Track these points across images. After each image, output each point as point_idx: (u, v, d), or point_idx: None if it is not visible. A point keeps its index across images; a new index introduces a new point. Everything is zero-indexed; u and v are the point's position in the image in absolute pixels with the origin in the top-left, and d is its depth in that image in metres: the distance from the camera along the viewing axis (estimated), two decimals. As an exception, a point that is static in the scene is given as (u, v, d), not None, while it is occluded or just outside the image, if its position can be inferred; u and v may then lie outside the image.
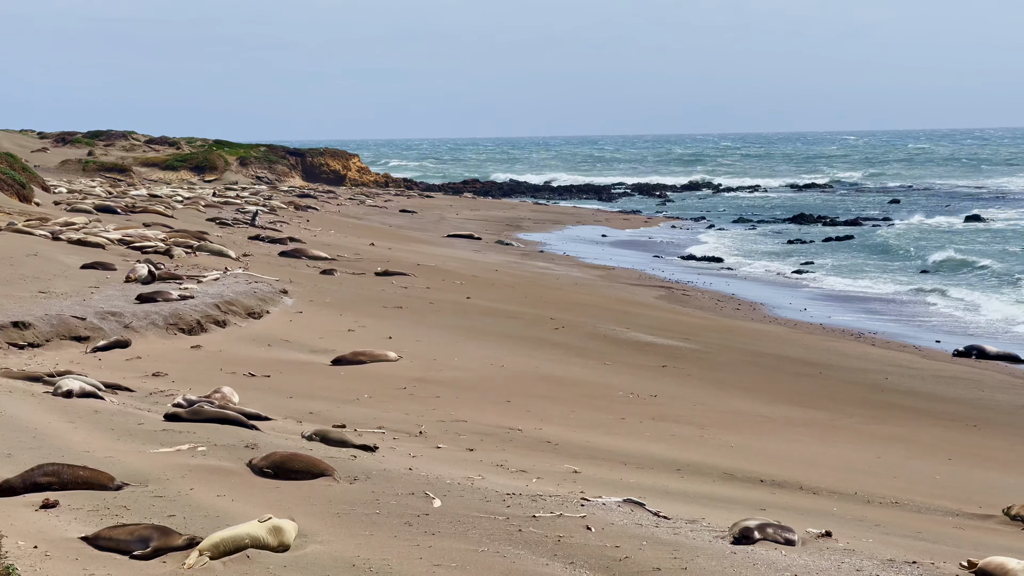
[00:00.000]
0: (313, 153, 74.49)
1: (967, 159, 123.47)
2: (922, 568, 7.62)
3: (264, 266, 24.13)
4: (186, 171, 62.62)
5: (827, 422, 14.52)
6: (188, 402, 11.28)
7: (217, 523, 7.53)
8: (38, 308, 15.85)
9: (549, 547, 7.58)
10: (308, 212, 44.86)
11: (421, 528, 7.82)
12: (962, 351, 20.72)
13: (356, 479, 8.95)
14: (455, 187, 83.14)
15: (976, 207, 61.32)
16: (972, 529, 9.55)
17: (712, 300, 27.33)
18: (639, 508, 8.81)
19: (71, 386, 11.57)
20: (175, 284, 19.05)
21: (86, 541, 7.18)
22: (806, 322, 24.49)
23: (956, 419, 15.35)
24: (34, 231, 23.83)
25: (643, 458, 11.37)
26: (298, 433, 10.78)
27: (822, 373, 17.98)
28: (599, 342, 19.14)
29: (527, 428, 12.31)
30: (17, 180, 32.72)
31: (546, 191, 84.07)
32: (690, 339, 20.23)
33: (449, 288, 24.53)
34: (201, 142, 72.82)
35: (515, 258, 34.81)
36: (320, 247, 29.27)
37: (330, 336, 17.21)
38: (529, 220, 52.76)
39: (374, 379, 14.54)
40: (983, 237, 45.55)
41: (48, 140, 68.16)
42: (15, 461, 8.73)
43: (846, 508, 9.91)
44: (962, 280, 32.44)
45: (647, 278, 31.51)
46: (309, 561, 7.08)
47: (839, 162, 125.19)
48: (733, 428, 13.53)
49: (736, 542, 7.93)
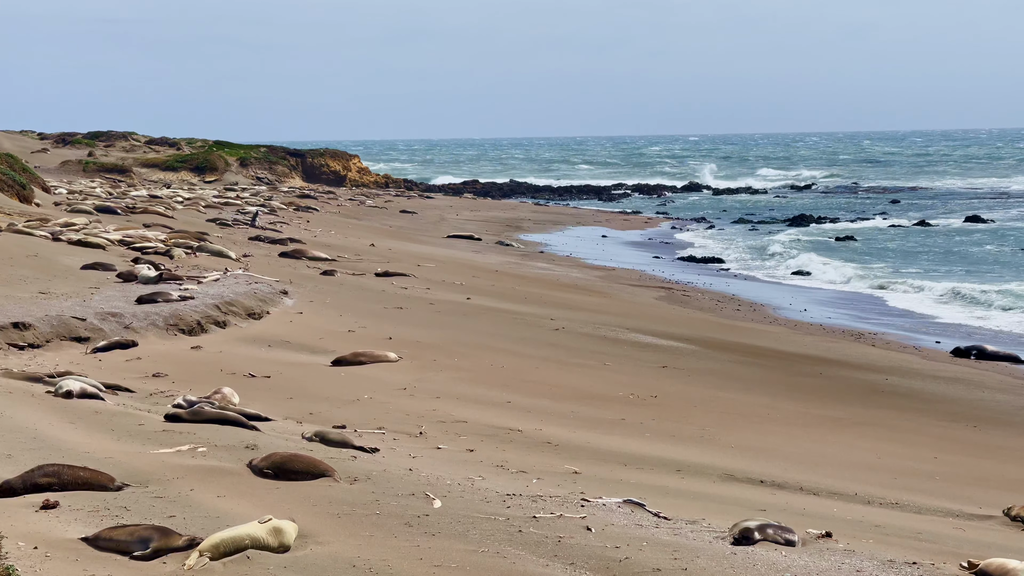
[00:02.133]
0: (313, 154, 74.44)
1: (969, 159, 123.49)
2: (922, 569, 7.62)
3: (264, 267, 24.13)
4: (186, 172, 62.59)
5: (827, 423, 14.51)
6: (188, 403, 11.29)
7: (217, 524, 7.53)
8: (38, 309, 15.86)
9: (549, 548, 7.58)
10: (308, 213, 44.84)
11: (421, 529, 7.82)
12: (962, 350, 20.73)
13: (356, 480, 8.95)
14: (455, 188, 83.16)
15: (978, 208, 61.36)
16: (972, 530, 9.55)
17: (712, 301, 27.32)
18: (639, 509, 8.81)
19: (71, 387, 11.57)
20: (175, 285, 19.06)
21: (86, 542, 7.18)
22: (806, 323, 24.48)
23: (956, 419, 15.35)
24: (34, 232, 23.82)
25: (643, 459, 11.37)
26: (298, 434, 10.78)
27: (822, 374, 17.98)
28: (599, 343, 19.14)
29: (527, 429, 12.31)
30: (17, 181, 32.72)
31: (546, 192, 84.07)
32: (690, 340, 20.23)
33: (449, 289, 24.53)
34: (201, 143, 72.84)
35: (515, 259, 34.81)
36: (320, 248, 29.26)
37: (330, 337, 17.21)
38: (529, 221, 52.76)
39: (374, 380, 14.53)
40: (986, 238, 45.59)
41: (48, 141, 68.17)
42: (15, 462, 8.73)
43: (846, 509, 9.91)
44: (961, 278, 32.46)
45: (648, 279, 31.51)
46: (309, 562, 7.08)
47: (841, 162, 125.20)
48: (733, 429, 13.53)
49: (736, 543, 7.94)
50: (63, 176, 51.69)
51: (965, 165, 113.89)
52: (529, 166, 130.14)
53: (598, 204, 72.27)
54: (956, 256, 39.62)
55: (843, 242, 44.66)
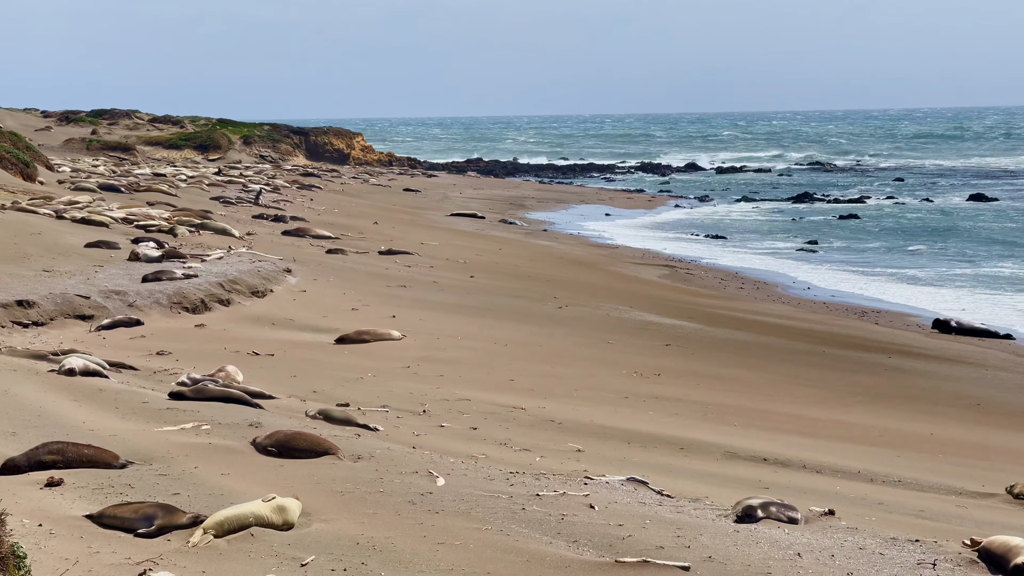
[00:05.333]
0: (317, 132, 74.29)
1: (978, 138, 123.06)
2: (925, 547, 7.63)
3: (268, 245, 24.13)
4: (190, 150, 62.51)
5: (830, 401, 14.52)
6: (192, 380, 11.31)
7: (221, 501, 7.55)
8: (42, 287, 15.87)
9: (552, 525, 7.59)
10: (312, 191, 44.80)
11: (425, 507, 7.83)
12: (941, 322, 21.13)
13: (360, 458, 8.97)
14: (458, 166, 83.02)
15: (981, 187, 61.21)
16: (975, 508, 9.55)
17: (716, 279, 27.30)
18: (642, 487, 8.82)
19: (75, 365, 11.58)
20: (179, 263, 19.07)
21: (91, 519, 7.20)
22: (809, 300, 24.47)
23: (959, 397, 15.34)
24: (38, 210, 23.82)
25: (646, 437, 11.38)
26: (302, 412, 10.80)
27: (826, 352, 17.97)
28: (603, 321, 19.13)
29: (530, 407, 12.32)
30: (21, 159, 32.70)
31: (550, 170, 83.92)
32: (694, 318, 20.22)
33: (452, 267, 24.52)
34: (205, 121, 72.63)
35: (519, 237, 34.77)
36: (324, 226, 29.25)
37: (334, 315, 17.21)
38: (533, 199, 52.68)
39: (378, 358, 14.55)
40: (983, 216, 45.49)
41: (52, 119, 68.02)
42: (19, 439, 8.75)
43: (849, 487, 9.91)
44: (963, 256, 32.42)
45: (651, 256, 31.48)
46: (313, 539, 7.10)
47: (844, 140, 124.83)
48: (736, 407, 13.54)
49: (739, 520, 7.94)
50: (67, 154, 51.65)
51: (973, 143, 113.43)
52: (533, 144, 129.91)
53: (602, 182, 72.14)
54: (959, 234, 39.52)
55: (846, 220, 44.59)
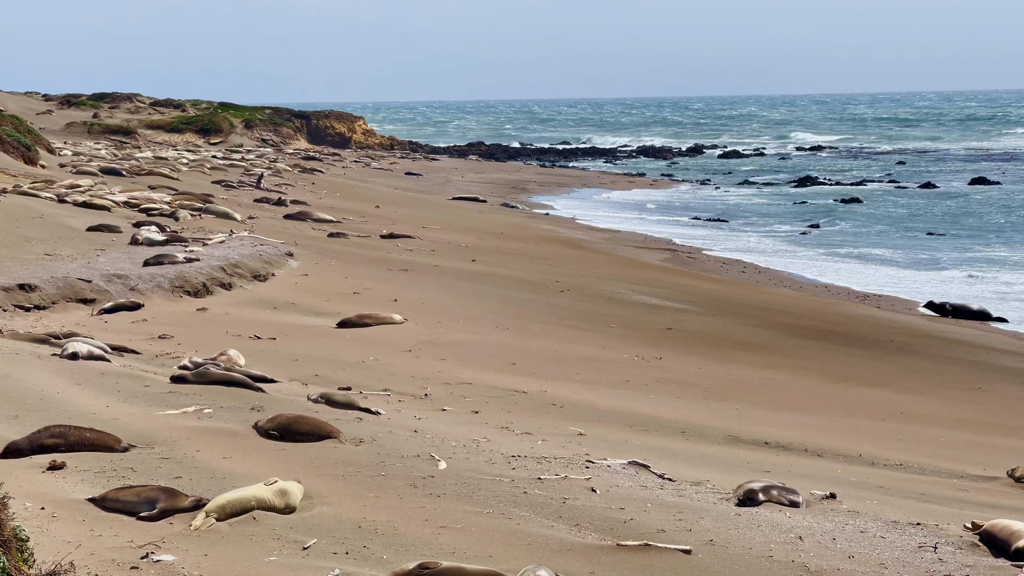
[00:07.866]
0: (318, 116, 74.15)
1: (980, 121, 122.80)
2: (926, 530, 7.64)
3: (269, 229, 24.11)
4: (191, 133, 62.43)
5: (831, 384, 14.52)
6: (194, 364, 11.31)
7: (223, 485, 7.56)
8: (44, 270, 15.86)
9: (554, 509, 7.60)
10: (313, 175, 44.75)
11: (426, 490, 7.84)
12: (936, 305, 21.20)
13: (362, 441, 8.98)
14: (460, 150, 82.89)
15: (983, 170, 61.10)
16: (976, 491, 9.55)
17: (717, 263, 27.29)
18: (644, 470, 8.83)
19: (77, 348, 11.58)
20: (181, 247, 19.06)
21: (93, 503, 7.21)
22: (811, 283, 24.47)
23: (961, 381, 15.34)
24: (39, 193, 23.81)
25: (648, 420, 11.39)
26: (304, 395, 10.80)
27: (827, 335, 17.97)
28: (604, 305, 19.13)
29: (532, 390, 12.33)
30: (22, 143, 32.68)
31: (552, 154, 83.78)
32: (695, 302, 20.22)
33: (454, 251, 24.51)
34: (206, 104, 72.52)
35: (521, 221, 34.75)
36: (325, 210, 29.23)
37: (335, 298, 17.21)
38: (535, 183, 52.63)
39: (379, 342, 14.54)
40: (987, 199, 45.44)
41: (53, 102, 67.92)
42: (22, 423, 8.76)
43: (850, 470, 9.92)
44: (964, 240, 32.39)
45: (652, 240, 31.46)
46: (315, 523, 7.11)
47: (847, 124, 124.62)
48: (738, 391, 13.55)
49: (741, 504, 7.96)
50: (68, 138, 51.58)
51: (975, 127, 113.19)
52: (536, 128, 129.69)
53: (604, 166, 72.04)
54: (962, 217, 39.46)
55: (848, 204, 44.52)
